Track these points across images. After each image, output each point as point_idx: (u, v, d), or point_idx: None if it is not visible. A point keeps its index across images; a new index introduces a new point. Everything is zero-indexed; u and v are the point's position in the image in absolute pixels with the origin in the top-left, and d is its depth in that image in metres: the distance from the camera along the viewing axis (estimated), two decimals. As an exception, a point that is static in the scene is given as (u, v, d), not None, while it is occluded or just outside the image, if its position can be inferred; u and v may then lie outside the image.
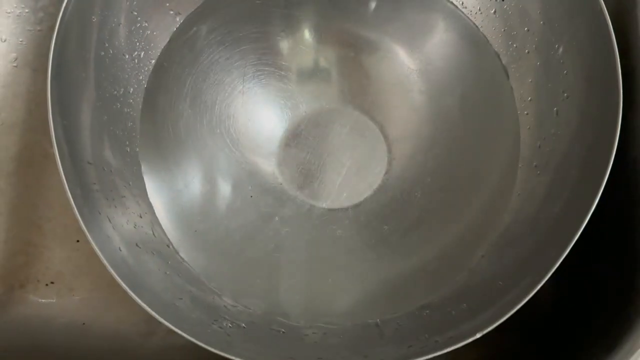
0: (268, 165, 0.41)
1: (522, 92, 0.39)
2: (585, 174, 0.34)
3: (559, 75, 0.36)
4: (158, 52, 0.39)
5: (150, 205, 0.38)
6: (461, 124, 0.41)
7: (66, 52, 0.33)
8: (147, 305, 0.31)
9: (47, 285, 0.43)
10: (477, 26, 0.40)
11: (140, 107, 0.39)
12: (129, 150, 0.38)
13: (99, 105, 0.36)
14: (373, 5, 0.41)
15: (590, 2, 0.34)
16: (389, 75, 0.41)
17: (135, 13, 0.38)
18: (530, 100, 0.39)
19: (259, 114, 0.41)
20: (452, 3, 0.40)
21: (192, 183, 0.40)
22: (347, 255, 0.40)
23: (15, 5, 0.43)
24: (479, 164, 0.40)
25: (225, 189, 0.40)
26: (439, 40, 0.41)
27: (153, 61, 0.39)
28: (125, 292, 0.31)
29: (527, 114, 0.39)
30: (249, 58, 0.41)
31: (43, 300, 0.43)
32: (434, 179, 0.40)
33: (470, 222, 0.39)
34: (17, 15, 0.43)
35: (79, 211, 0.31)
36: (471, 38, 0.40)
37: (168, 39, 0.40)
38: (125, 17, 0.37)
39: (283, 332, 0.36)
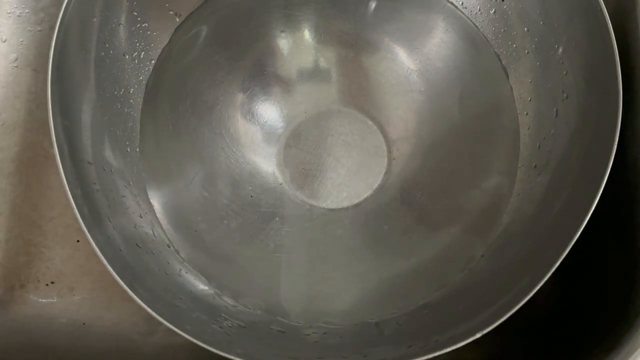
0: (268, 165, 0.41)
1: (522, 92, 0.39)
2: (585, 174, 0.34)
3: (559, 76, 0.36)
4: (158, 52, 0.39)
5: (150, 205, 0.38)
6: (461, 124, 0.41)
7: (67, 53, 0.33)
8: (147, 305, 0.31)
9: (47, 285, 0.43)
10: (477, 26, 0.40)
11: (140, 107, 0.39)
12: (129, 150, 0.38)
13: (99, 105, 0.36)
14: (373, 5, 0.41)
15: (590, 2, 0.34)
16: (389, 75, 0.41)
17: (136, 13, 0.38)
18: (530, 100, 0.39)
19: (259, 114, 0.41)
20: (452, 3, 0.40)
21: (192, 183, 0.40)
22: (347, 255, 0.40)
23: (15, 6, 0.43)
24: (478, 164, 0.40)
25: (225, 189, 0.40)
26: (439, 40, 0.41)
27: (153, 61, 0.39)
28: (125, 291, 0.31)
29: (527, 114, 0.39)
30: (249, 58, 0.41)
31: (43, 300, 0.43)
32: (434, 179, 0.40)
33: (470, 222, 0.39)
34: (18, 16, 0.43)
35: (79, 211, 0.31)
36: (471, 38, 0.40)
37: (168, 39, 0.40)
38: (125, 18, 0.37)
39: (283, 332, 0.36)
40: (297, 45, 0.42)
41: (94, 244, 0.31)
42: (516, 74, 0.39)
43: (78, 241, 0.43)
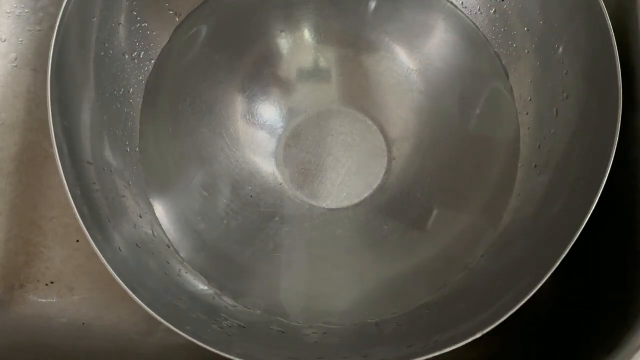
0: (268, 165, 0.41)
1: (522, 92, 0.39)
2: (585, 174, 0.34)
3: (559, 75, 0.36)
4: (158, 52, 0.39)
5: (150, 205, 0.38)
6: (461, 124, 0.41)
7: (66, 53, 0.33)
8: (147, 305, 0.31)
9: (47, 285, 0.43)
10: (477, 26, 0.40)
11: (140, 107, 0.39)
12: (129, 150, 0.38)
13: (99, 105, 0.36)
14: (373, 5, 0.41)
15: (590, 2, 0.34)
16: (389, 75, 0.41)
17: (135, 13, 0.38)
18: (530, 100, 0.39)
19: (259, 114, 0.41)
20: (452, 3, 0.40)
21: (192, 183, 0.40)
22: (347, 255, 0.40)
23: (15, 6, 0.43)
24: (478, 164, 0.40)
25: (225, 189, 0.40)
26: (439, 40, 0.41)
27: (153, 61, 0.39)
28: (125, 291, 0.31)
29: (527, 114, 0.39)
30: (249, 58, 0.41)
31: (43, 300, 0.43)
32: (434, 179, 0.40)
33: (470, 222, 0.39)
34: (17, 16, 0.43)
35: (79, 211, 0.31)
36: (471, 38, 0.40)
37: (168, 39, 0.40)
38: (125, 17, 0.37)
39: (283, 332, 0.36)
40: (297, 45, 0.42)
41: (93, 244, 0.31)
42: (516, 74, 0.39)
43: (78, 241, 0.43)
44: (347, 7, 0.41)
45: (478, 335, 0.31)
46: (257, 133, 0.41)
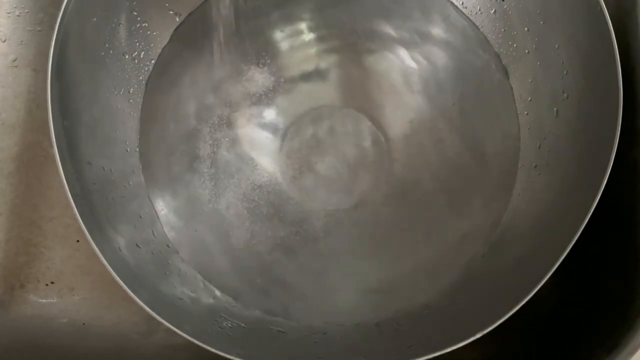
0: (268, 165, 0.41)
1: (522, 92, 0.39)
2: (585, 174, 0.34)
3: (559, 76, 0.37)
4: (158, 52, 0.39)
5: (150, 205, 0.38)
6: (461, 124, 0.41)
7: (66, 53, 0.33)
8: (147, 305, 0.31)
9: (47, 285, 0.43)
10: (477, 26, 0.40)
11: (140, 107, 0.39)
12: (129, 150, 0.38)
13: (99, 105, 0.36)
14: (373, 5, 0.41)
15: (590, 2, 0.34)
16: (389, 75, 0.41)
17: (135, 13, 0.38)
18: (530, 100, 0.39)
19: (259, 114, 0.41)
20: (452, 3, 0.40)
21: (193, 183, 0.40)
22: (347, 255, 0.40)
23: (15, 6, 0.43)
24: (479, 164, 0.40)
25: (225, 189, 0.40)
26: (439, 40, 0.41)
27: (153, 61, 0.39)
28: (125, 292, 0.31)
29: (527, 114, 0.39)
30: (249, 58, 0.41)
31: (43, 300, 0.43)
32: (433, 179, 0.40)
33: (470, 222, 0.39)
34: (17, 16, 0.43)
35: (79, 211, 0.31)
36: (471, 38, 0.40)
37: (168, 39, 0.40)
38: (125, 17, 0.37)
39: (283, 332, 0.36)
40: (297, 45, 0.42)
41: (93, 244, 0.31)
42: (516, 74, 0.39)
43: (78, 241, 0.43)
44: (347, 7, 0.41)
45: (478, 335, 0.31)
46: (258, 133, 0.41)
